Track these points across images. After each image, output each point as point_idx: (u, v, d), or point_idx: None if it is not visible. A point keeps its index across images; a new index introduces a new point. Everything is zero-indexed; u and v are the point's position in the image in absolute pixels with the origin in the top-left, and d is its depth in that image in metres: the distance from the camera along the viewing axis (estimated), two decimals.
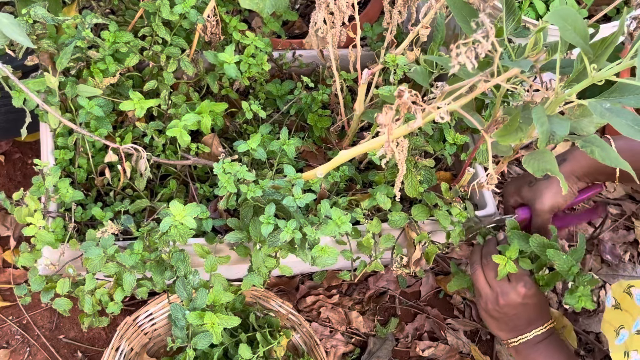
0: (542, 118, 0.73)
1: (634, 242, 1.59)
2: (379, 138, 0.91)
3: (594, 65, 0.73)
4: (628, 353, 1.02)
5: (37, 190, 1.06)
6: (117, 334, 1.15)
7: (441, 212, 1.15)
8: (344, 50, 1.24)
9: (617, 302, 1.11)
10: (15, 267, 1.40)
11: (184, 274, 1.03)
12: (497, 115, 0.87)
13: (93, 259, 1.01)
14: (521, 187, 1.18)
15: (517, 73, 0.75)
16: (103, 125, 1.14)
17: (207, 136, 1.23)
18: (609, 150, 0.76)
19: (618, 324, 1.09)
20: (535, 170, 0.81)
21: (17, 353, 1.32)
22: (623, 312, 1.09)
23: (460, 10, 0.92)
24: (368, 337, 1.41)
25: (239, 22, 1.25)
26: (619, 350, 1.06)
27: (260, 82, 1.31)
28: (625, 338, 1.06)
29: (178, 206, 0.98)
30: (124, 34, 1.15)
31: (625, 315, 1.08)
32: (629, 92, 0.75)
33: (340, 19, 1.11)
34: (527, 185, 1.17)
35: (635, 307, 1.05)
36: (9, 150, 1.53)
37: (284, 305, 1.21)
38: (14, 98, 1.08)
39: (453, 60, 0.64)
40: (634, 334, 1.03)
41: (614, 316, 1.11)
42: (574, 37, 0.70)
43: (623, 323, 1.08)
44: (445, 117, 0.73)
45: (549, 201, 1.13)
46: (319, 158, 1.29)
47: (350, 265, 1.21)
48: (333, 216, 1.03)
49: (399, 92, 0.74)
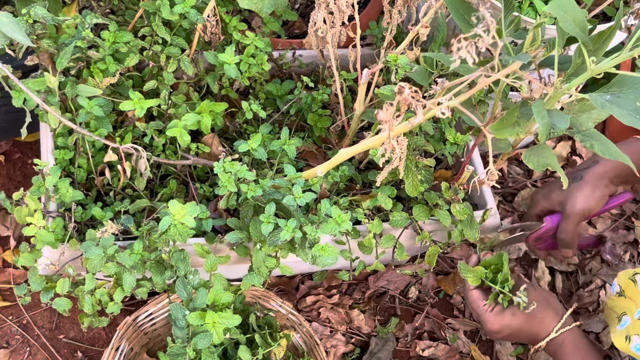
0: (542, 112, 0.74)
1: (634, 242, 1.59)
2: (379, 136, 0.91)
3: (592, 59, 0.73)
4: (630, 337, 1.03)
5: (37, 190, 1.06)
6: (117, 334, 1.15)
7: (442, 211, 1.15)
8: (343, 50, 1.24)
9: (622, 290, 1.10)
10: (15, 267, 1.40)
11: (184, 274, 1.03)
12: (496, 112, 0.88)
13: (93, 259, 1.01)
14: (551, 192, 1.15)
15: (517, 68, 0.75)
16: (103, 125, 1.14)
17: (207, 136, 1.23)
18: (608, 144, 0.77)
19: (621, 311, 1.09)
20: (536, 166, 0.81)
21: (17, 353, 1.32)
22: (627, 299, 1.09)
23: (457, 8, 0.92)
24: (369, 337, 1.41)
25: (239, 22, 1.25)
26: (621, 335, 1.06)
27: (260, 82, 1.31)
28: (627, 323, 1.06)
29: (177, 205, 0.98)
30: (124, 34, 1.15)
31: (628, 302, 1.08)
32: (628, 86, 0.75)
33: (340, 18, 1.11)
34: (558, 189, 1.14)
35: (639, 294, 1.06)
36: (9, 150, 1.53)
37: (284, 305, 1.20)
38: (14, 98, 1.08)
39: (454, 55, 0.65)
40: (637, 320, 1.03)
41: (617, 303, 1.11)
42: (573, 28, 0.70)
43: (626, 310, 1.08)
44: (446, 113, 0.73)
45: (581, 204, 1.10)
46: (319, 158, 1.29)
47: (350, 265, 1.21)
48: (333, 214, 1.03)
49: (400, 88, 0.74)
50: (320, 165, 1.08)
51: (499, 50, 0.72)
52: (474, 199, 1.26)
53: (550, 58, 0.84)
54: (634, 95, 0.74)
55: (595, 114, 0.88)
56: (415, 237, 1.18)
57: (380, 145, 0.90)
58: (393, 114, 0.80)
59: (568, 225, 1.12)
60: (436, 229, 1.19)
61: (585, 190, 1.10)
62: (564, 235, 1.14)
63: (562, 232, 1.14)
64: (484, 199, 1.24)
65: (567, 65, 0.84)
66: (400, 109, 0.82)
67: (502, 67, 0.77)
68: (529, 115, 0.85)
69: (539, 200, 1.18)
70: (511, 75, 0.79)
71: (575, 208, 1.10)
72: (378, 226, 1.13)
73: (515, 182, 1.66)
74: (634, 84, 0.75)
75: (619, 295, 1.11)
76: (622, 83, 0.76)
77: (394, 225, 1.14)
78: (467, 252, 1.54)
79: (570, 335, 1.08)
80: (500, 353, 1.43)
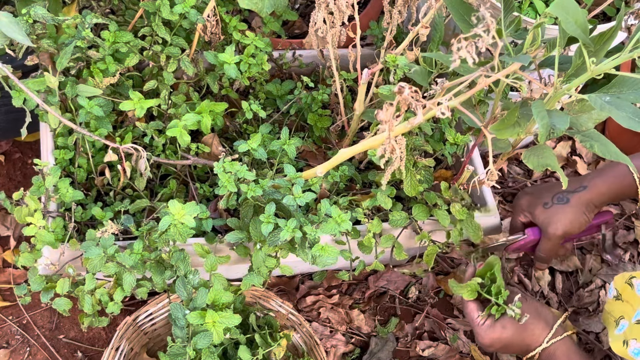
0: (542, 112, 0.74)
1: (634, 242, 1.59)
2: (379, 136, 0.91)
3: (593, 59, 0.73)
4: (627, 342, 1.03)
5: (37, 190, 1.06)
6: (117, 334, 1.15)
7: (441, 211, 1.15)
8: (343, 50, 1.24)
9: (619, 293, 1.10)
10: (15, 267, 1.40)
11: (184, 274, 1.03)
12: (496, 112, 0.88)
13: (93, 259, 1.01)
14: (534, 206, 1.15)
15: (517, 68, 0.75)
16: (103, 125, 1.14)
17: (207, 136, 1.23)
18: (608, 144, 0.77)
19: (619, 315, 1.08)
20: (536, 166, 0.81)
21: (17, 353, 1.32)
22: (624, 302, 1.09)
23: (457, 8, 0.92)
24: (369, 337, 1.41)
25: (239, 22, 1.25)
26: (619, 339, 1.06)
27: (260, 82, 1.31)
28: (625, 327, 1.06)
29: (177, 205, 0.98)
30: (124, 34, 1.15)
31: (625, 306, 1.08)
32: (627, 87, 0.75)
33: (340, 18, 1.11)
34: (541, 206, 1.14)
35: (636, 298, 1.06)
36: (9, 150, 1.53)
37: (284, 305, 1.20)
38: (14, 98, 1.08)
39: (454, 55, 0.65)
40: (634, 324, 1.03)
41: (615, 307, 1.11)
42: (575, 30, 0.70)
43: (623, 314, 1.08)
44: (446, 113, 0.73)
45: (563, 228, 1.11)
46: (319, 158, 1.29)
47: (349, 265, 1.21)
48: (333, 214, 1.03)
49: (400, 89, 0.74)
50: (320, 165, 1.08)
51: (499, 50, 0.72)
52: (474, 199, 1.26)
53: (550, 58, 0.84)
54: (634, 96, 0.74)
55: (595, 114, 0.88)
56: (414, 236, 1.18)
57: (380, 146, 0.90)
58: (393, 114, 0.80)
59: (547, 245, 1.14)
60: (435, 228, 1.19)
61: (569, 215, 1.11)
62: (542, 254, 1.16)
63: (540, 250, 1.16)
64: (484, 199, 1.24)
65: (567, 66, 0.84)
66: (400, 109, 0.82)
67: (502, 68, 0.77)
68: (529, 115, 0.85)
69: (522, 209, 1.18)
70: (511, 76, 0.80)
71: (558, 232, 1.11)
72: (377, 226, 1.14)
73: (515, 182, 1.66)
74: (634, 85, 0.75)
75: (616, 299, 1.11)
76: (622, 84, 0.76)
77: (393, 225, 1.15)
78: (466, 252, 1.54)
79: (562, 345, 1.08)
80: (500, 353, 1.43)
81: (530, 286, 1.51)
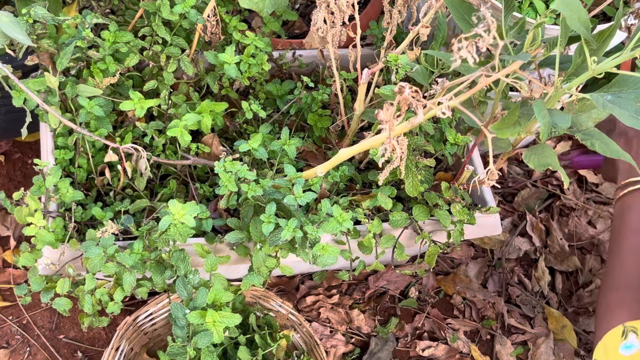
0: (543, 111, 0.74)
1: None
2: (379, 136, 0.91)
3: (594, 58, 0.73)
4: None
5: (38, 190, 1.06)
6: (117, 334, 1.15)
7: (442, 211, 1.15)
8: (344, 50, 1.24)
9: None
10: (15, 267, 1.40)
11: (184, 274, 1.03)
12: (496, 112, 0.88)
13: (93, 259, 1.01)
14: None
15: (517, 68, 0.75)
16: (103, 125, 1.14)
17: (207, 136, 1.23)
18: (609, 142, 0.77)
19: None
20: (536, 165, 0.81)
21: (17, 353, 1.32)
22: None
23: (457, 8, 0.92)
24: (369, 337, 1.41)
25: (239, 22, 1.25)
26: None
27: (260, 82, 1.31)
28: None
29: (177, 205, 0.98)
30: (124, 34, 1.15)
31: None
32: (629, 86, 0.75)
33: (340, 18, 1.11)
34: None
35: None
36: (9, 150, 1.53)
37: (284, 305, 1.20)
38: (14, 98, 1.08)
39: (455, 55, 0.65)
40: None
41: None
42: (579, 27, 0.70)
43: None
44: (446, 113, 0.73)
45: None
46: (319, 158, 1.29)
47: (350, 265, 1.21)
48: (334, 213, 1.03)
49: (400, 88, 0.74)
50: (320, 165, 1.08)
51: (499, 50, 0.72)
52: (474, 199, 1.26)
53: (550, 58, 0.84)
54: (635, 95, 0.74)
55: (596, 113, 0.88)
56: (415, 237, 1.18)
57: (381, 145, 0.90)
58: (393, 114, 0.80)
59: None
60: (436, 229, 1.19)
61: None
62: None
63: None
64: (484, 199, 1.24)
65: (568, 65, 0.84)
66: (401, 109, 0.82)
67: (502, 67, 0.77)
68: (529, 114, 0.85)
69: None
70: (511, 75, 0.80)
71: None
72: (378, 226, 1.14)
73: (515, 182, 1.66)
74: (635, 84, 0.75)
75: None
76: (623, 83, 0.76)
77: (393, 225, 1.15)
78: (467, 252, 1.54)
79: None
80: (500, 353, 1.43)
81: (530, 286, 1.52)
